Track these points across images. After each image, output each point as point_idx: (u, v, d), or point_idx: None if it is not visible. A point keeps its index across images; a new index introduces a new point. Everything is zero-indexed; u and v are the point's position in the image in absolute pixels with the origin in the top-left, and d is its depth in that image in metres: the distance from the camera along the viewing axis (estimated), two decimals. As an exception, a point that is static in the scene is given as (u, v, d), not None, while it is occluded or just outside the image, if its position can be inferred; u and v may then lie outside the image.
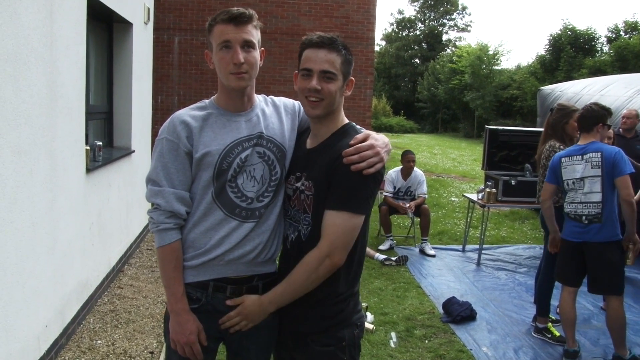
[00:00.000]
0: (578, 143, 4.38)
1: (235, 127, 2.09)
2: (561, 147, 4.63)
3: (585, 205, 4.20)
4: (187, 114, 2.09)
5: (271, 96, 2.30)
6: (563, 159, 4.36)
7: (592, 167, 4.19)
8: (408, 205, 7.46)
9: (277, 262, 2.25)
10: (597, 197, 4.16)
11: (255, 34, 2.04)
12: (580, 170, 4.24)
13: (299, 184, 2.10)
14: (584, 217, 4.20)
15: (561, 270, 4.46)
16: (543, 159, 4.75)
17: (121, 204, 5.92)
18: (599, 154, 4.17)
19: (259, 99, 2.22)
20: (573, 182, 4.29)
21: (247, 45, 2.01)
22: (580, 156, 4.27)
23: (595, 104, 4.44)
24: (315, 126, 2.12)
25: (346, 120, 2.14)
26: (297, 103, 2.32)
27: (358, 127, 2.16)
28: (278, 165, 2.13)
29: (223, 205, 2.06)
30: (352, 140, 1.98)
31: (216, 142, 2.05)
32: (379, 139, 2.03)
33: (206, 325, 2.09)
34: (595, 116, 4.30)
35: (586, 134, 4.34)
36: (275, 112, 2.22)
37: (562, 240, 4.43)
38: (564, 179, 4.35)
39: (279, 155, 2.14)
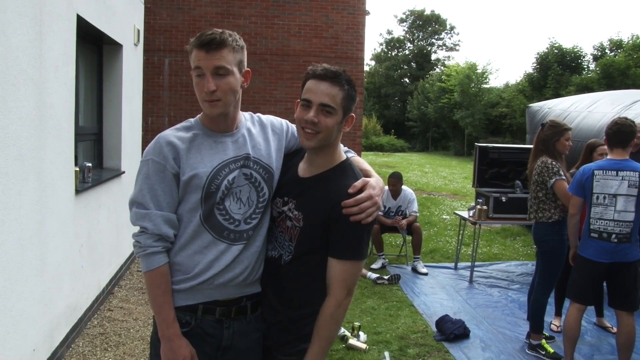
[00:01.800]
0: (609, 157, 4.26)
1: (222, 149, 2.06)
2: (553, 163, 4.62)
3: (617, 224, 4.11)
4: (174, 135, 2.05)
5: (258, 114, 2.27)
6: (596, 172, 4.22)
7: (629, 186, 4.09)
8: (401, 220, 7.42)
9: None
10: (631, 217, 4.10)
11: (231, 58, 1.97)
12: (615, 186, 4.13)
13: (285, 208, 2.09)
14: (613, 236, 4.11)
15: (581, 290, 4.34)
16: (535, 175, 4.73)
17: (111, 225, 5.88)
18: (637, 173, 4.09)
19: (244, 117, 2.19)
20: (604, 197, 4.17)
21: (219, 72, 1.95)
22: (615, 172, 4.15)
23: (626, 118, 4.30)
24: (310, 155, 2.10)
25: (344, 157, 2.12)
26: (284, 122, 2.29)
27: (354, 166, 2.13)
28: (265, 187, 2.11)
29: (211, 228, 2.03)
30: (351, 189, 1.97)
31: (203, 164, 2.02)
32: (376, 186, 2.02)
33: (196, 348, 2.05)
34: (633, 132, 4.19)
35: (621, 150, 4.20)
36: (261, 132, 2.19)
37: (584, 260, 4.29)
38: (594, 192, 4.21)
39: (266, 176, 2.11)
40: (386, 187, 7.71)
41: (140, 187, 2.01)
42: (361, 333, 4.92)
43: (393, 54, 55.08)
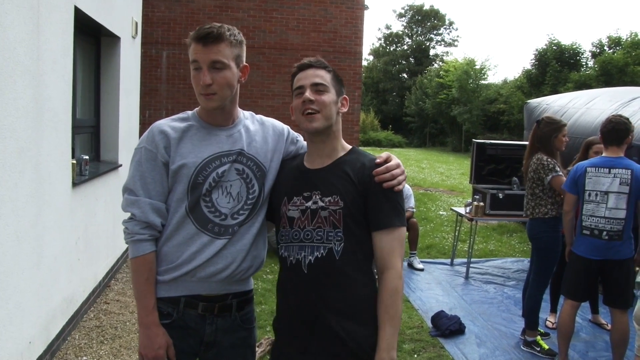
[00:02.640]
0: (603, 155, 4.25)
1: (215, 141, 2.06)
2: (549, 159, 4.63)
3: (608, 221, 4.12)
4: (167, 124, 2.07)
5: (260, 115, 2.27)
6: (589, 169, 4.23)
7: (620, 184, 4.09)
8: None
9: (254, 280, 2.23)
10: (622, 214, 4.10)
11: (228, 53, 1.98)
12: (607, 183, 4.14)
13: (309, 204, 2.02)
14: (604, 233, 4.13)
15: (573, 286, 4.35)
16: (531, 172, 4.72)
17: (108, 218, 5.87)
18: (629, 171, 4.08)
19: (244, 115, 2.19)
20: (596, 195, 4.19)
21: (216, 66, 1.96)
22: (608, 169, 4.15)
23: (620, 116, 4.29)
24: (317, 146, 2.08)
25: (350, 146, 2.15)
26: (286, 127, 2.29)
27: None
28: (257, 184, 2.09)
29: (196, 219, 2.03)
30: (378, 159, 2.02)
31: (193, 154, 2.02)
32: (396, 159, 2.07)
33: (179, 341, 2.06)
34: (627, 129, 4.19)
35: (616, 147, 4.19)
36: (260, 130, 2.18)
37: (576, 257, 4.31)
38: (586, 189, 4.23)
39: (259, 174, 2.10)
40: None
41: (132, 174, 2.04)
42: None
43: (391, 49, 55.02)
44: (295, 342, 2.03)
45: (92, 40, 6.07)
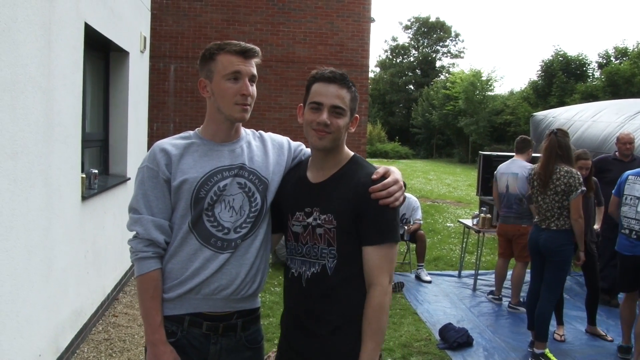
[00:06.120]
0: None
1: (216, 156, 2.09)
2: (578, 173, 4.76)
3: (637, 222, 4.66)
4: (169, 142, 2.10)
5: (260, 131, 2.31)
6: (630, 177, 4.85)
7: None
8: (407, 228, 7.44)
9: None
10: None
11: (256, 69, 2.09)
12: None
13: (310, 220, 2.07)
14: (634, 233, 4.66)
15: (620, 279, 4.93)
16: (561, 184, 4.67)
17: (116, 231, 5.91)
18: None
19: (246, 132, 2.23)
20: (630, 199, 4.76)
21: (253, 79, 2.07)
22: None
23: None
24: (320, 160, 2.12)
25: (351, 153, 2.16)
26: (286, 139, 2.32)
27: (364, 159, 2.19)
28: (259, 197, 2.11)
29: (199, 234, 2.04)
30: (375, 175, 2.02)
31: (195, 169, 2.04)
32: (396, 172, 2.07)
33: (183, 359, 2.06)
34: None
35: None
36: (261, 145, 2.22)
37: (617, 253, 4.89)
38: (624, 193, 4.84)
39: (261, 187, 2.12)
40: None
41: (136, 193, 2.06)
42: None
43: (398, 60, 55.12)
44: (293, 345, 2.16)
45: (101, 55, 6.14)
